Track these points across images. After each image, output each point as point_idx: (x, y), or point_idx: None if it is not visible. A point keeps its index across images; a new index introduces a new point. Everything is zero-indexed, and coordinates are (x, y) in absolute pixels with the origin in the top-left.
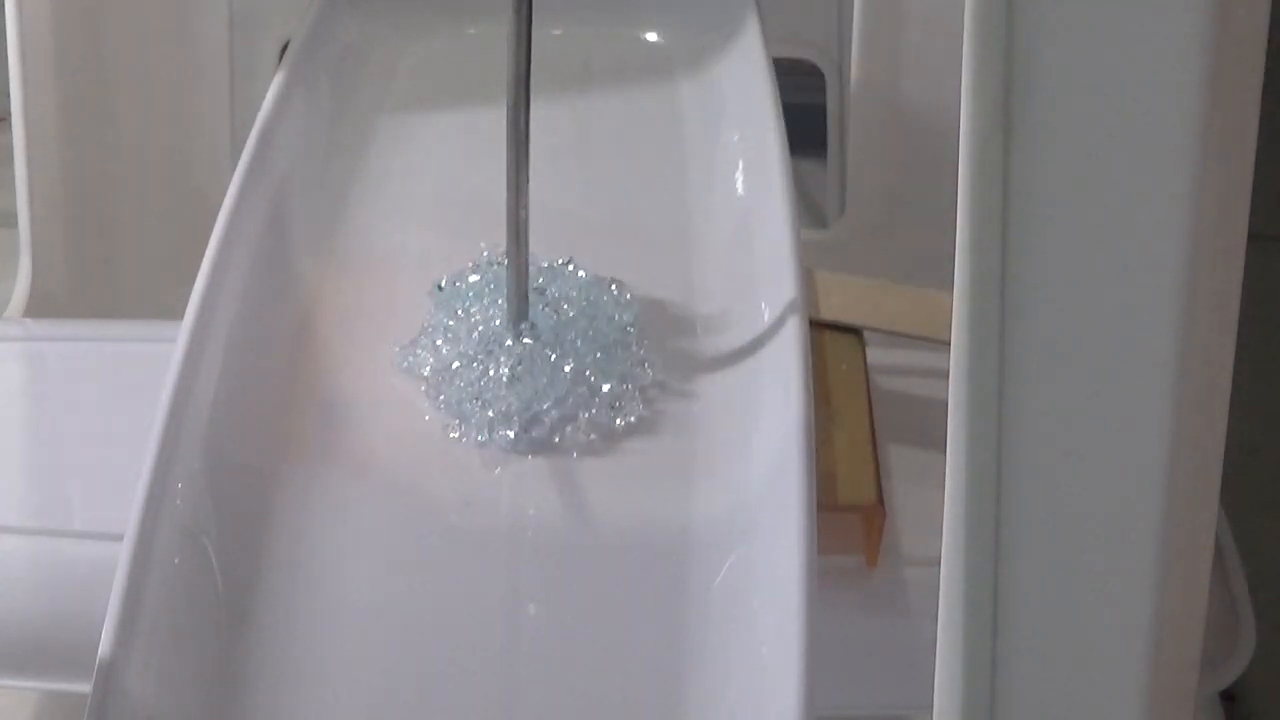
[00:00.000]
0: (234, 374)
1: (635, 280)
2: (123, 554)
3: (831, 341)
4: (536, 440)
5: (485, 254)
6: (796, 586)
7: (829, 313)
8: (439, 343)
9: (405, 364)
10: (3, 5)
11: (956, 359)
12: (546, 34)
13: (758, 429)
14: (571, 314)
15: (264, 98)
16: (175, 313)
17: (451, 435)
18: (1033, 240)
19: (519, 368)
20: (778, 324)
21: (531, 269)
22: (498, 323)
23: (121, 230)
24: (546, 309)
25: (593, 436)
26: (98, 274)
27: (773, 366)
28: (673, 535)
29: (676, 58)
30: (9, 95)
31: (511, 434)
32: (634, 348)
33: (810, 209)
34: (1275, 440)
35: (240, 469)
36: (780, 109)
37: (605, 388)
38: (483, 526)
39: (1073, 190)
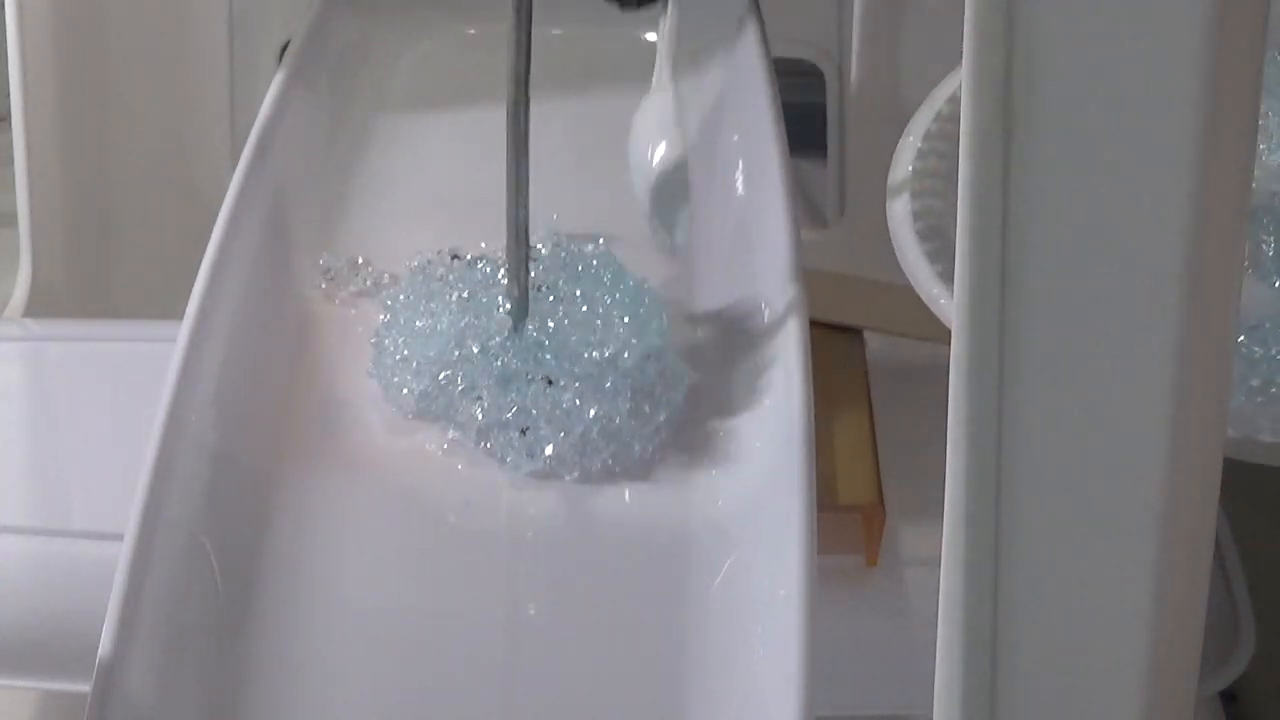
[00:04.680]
0: (234, 374)
1: (633, 279)
2: (123, 554)
3: (831, 341)
4: (536, 440)
5: (485, 254)
6: (796, 586)
7: (829, 313)
8: (438, 342)
9: (404, 364)
10: (3, 5)
11: (956, 359)
12: (546, 34)
13: (758, 429)
14: (571, 313)
15: (264, 98)
16: (175, 313)
17: (450, 435)
18: (1033, 240)
19: (518, 367)
20: (778, 324)
21: (530, 268)
22: (497, 322)
23: (121, 230)
24: (546, 308)
25: (593, 436)
26: (98, 274)
27: (773, 366)
28: (673, 535)
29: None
30: (9, 95)
31: (511, 434)
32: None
33: (810, 209)
34: None
35: (240, 469)
36: (780, 109)
37: (605, 388)
38: (482, 527)
39: (1073, 189)
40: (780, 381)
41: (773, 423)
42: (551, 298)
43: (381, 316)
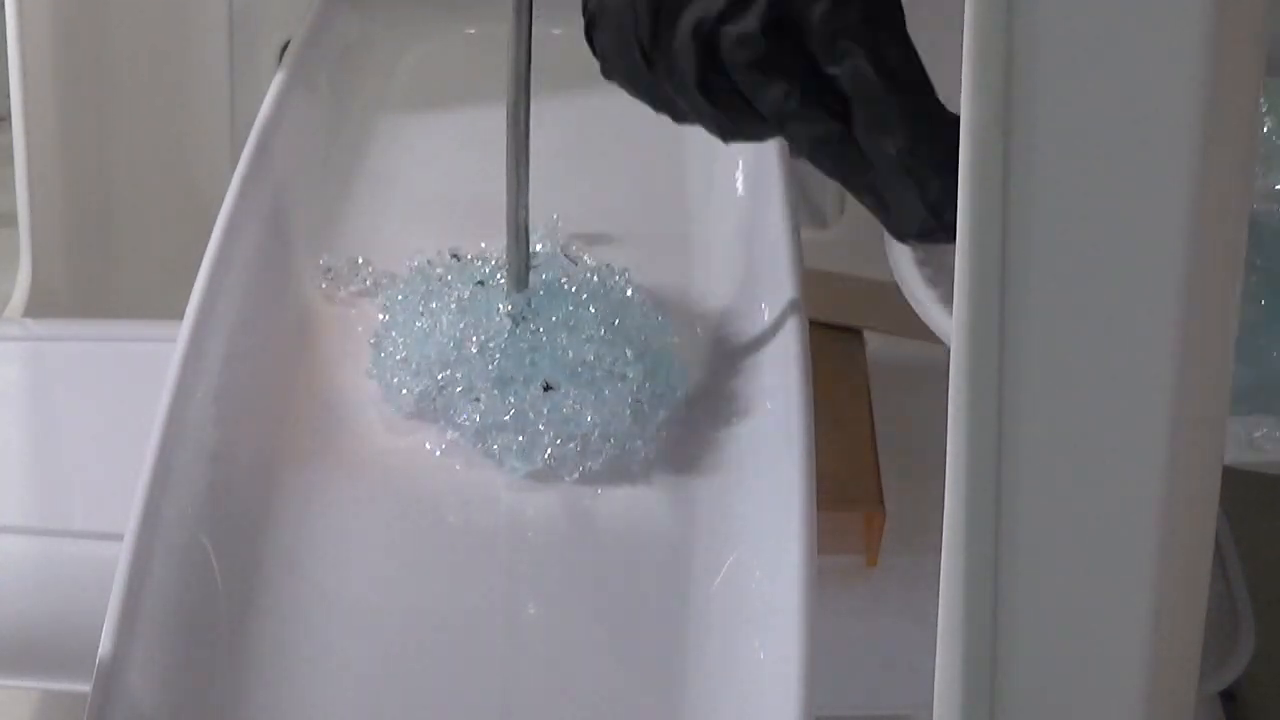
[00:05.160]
0: (234, 374)
1: (635, 280)
2: (123, 554)
3: (831, 341)
4: (535, 440)
5: (485, 254)
6: (796, 586)
7: (829, 313)
8: (437, 342)
9: (404, 364)
10: (3, 5)
11: (956, 359)
12: (546, 34)
13: (758, 429)
14: (572, 313)
15: (264, 98)
16: (175, 313)
17: (449, 436)
18: (1033, 240)
19: (518, 368)
20: (778, 324)
21: (531, 267)
22: (497, 322)
23: (121, 230)
24: (546, 308)
25: (593, 437)
26: (98, 274)
27: (773, 366)
28: (673, 535)
29: None
30: (9, 95)
31: (509, 435)
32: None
33: (810, 209)
34: None
35: (240, 469)
36: None
37: (605, 389)
38: (482, 526)
39: (1073, 190)
40: (780, 381)
41: (773, 423)
42: (546, 302)
43: (381, 316)
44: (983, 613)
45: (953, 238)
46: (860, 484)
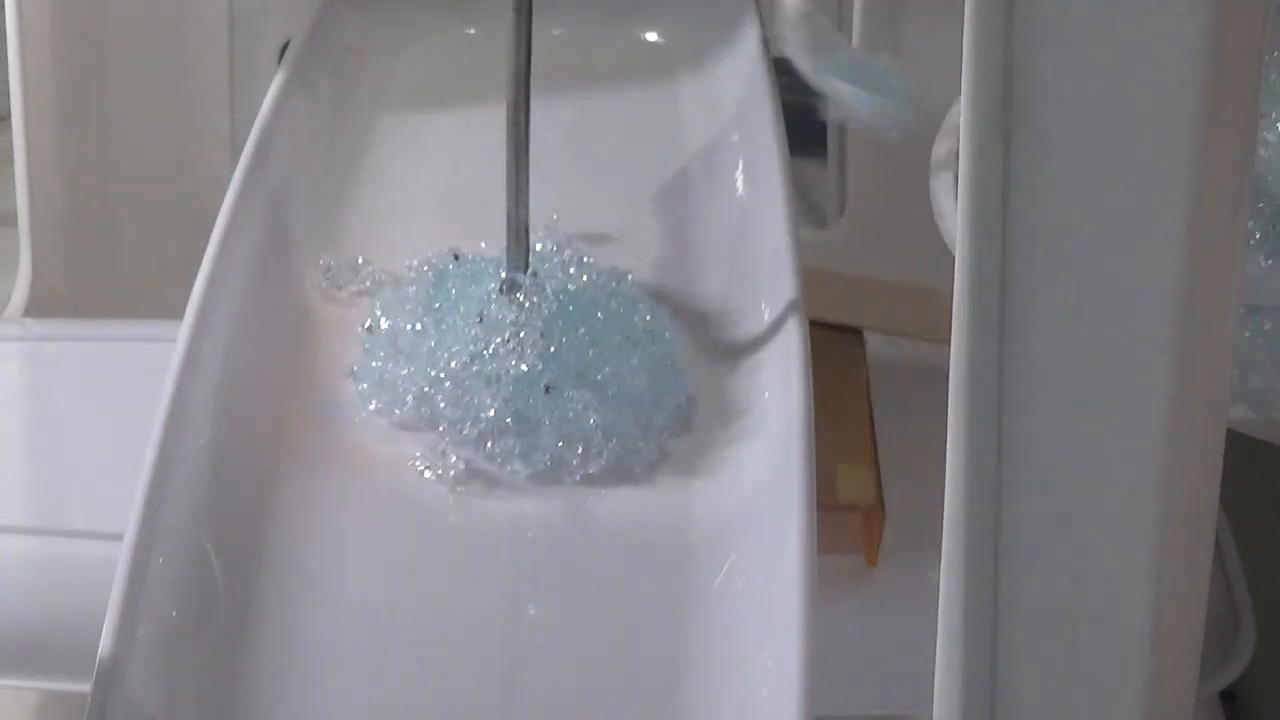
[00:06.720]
0: (234, 374)
1: (635, 280)
2: (123, 554)
3: (831, 341)
4: (536, 440)
5: (485, 254)
6: (796, 586)
7: (829, 313)
8: (438, 342)
9: (404, 365)
10: (2, 5)
11: (956, 359)
12: (546, 34)
13: (758, 429)
14: (572, 314)
15: (264, 98)
16: (175, 313)
17: (450, 437)
18: (1033, 240)
19: (518, 369)
20: (778, 324)
21: (531, 267)
22: (496, 324)
23: (121, 230)
24: (546, 309)
25: (594, 438)
26: (98, 274)
27: (773, 366)
28: (673, 536)
29: (676, 58)
30: (9, 95)
31: (511, 436)
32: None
33: (810, 209)
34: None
35: (240, 469)
36: (780, 109)
37: (606, 390)
38: (483, 528)
39: (1073, 191)
40: (780, 381)
41: (773, 423)
42: (546, 301)
43: (381, 317)
44: (983, 613)
45: None
46: (860, 484)
